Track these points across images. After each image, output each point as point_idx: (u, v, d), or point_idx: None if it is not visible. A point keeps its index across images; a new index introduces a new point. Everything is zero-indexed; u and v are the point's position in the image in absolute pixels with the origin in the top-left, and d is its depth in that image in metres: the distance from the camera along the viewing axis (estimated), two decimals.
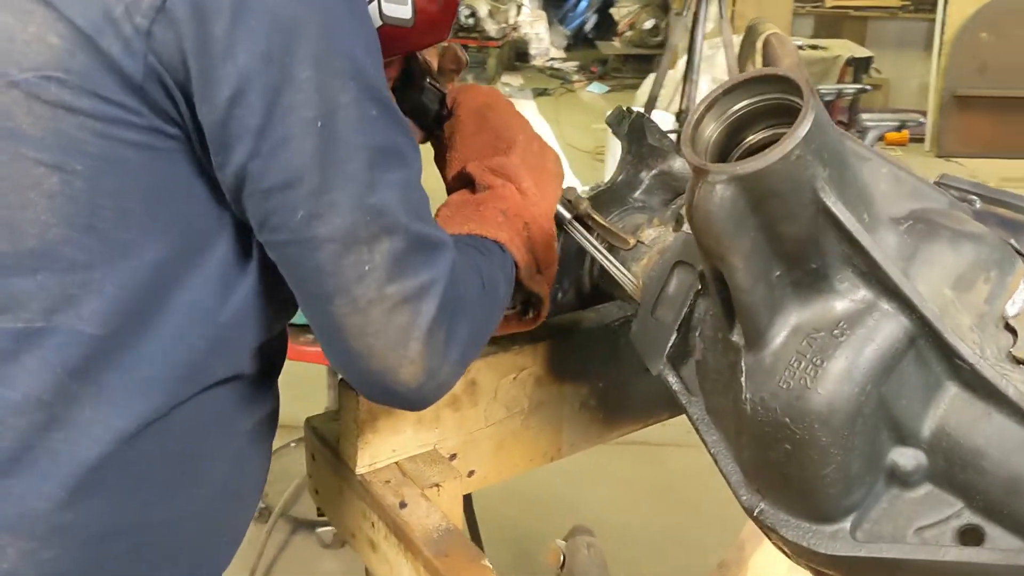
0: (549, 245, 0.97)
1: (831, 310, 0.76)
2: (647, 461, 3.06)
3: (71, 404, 0.70)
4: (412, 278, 0.73)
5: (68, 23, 0.66)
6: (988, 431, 0.72)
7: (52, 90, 0.67)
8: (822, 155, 0.70)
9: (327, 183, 0.70)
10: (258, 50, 0.66)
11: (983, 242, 0.77)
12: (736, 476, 0.86)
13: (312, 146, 0.69)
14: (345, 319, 0.72)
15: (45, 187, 0.69)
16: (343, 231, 0.70)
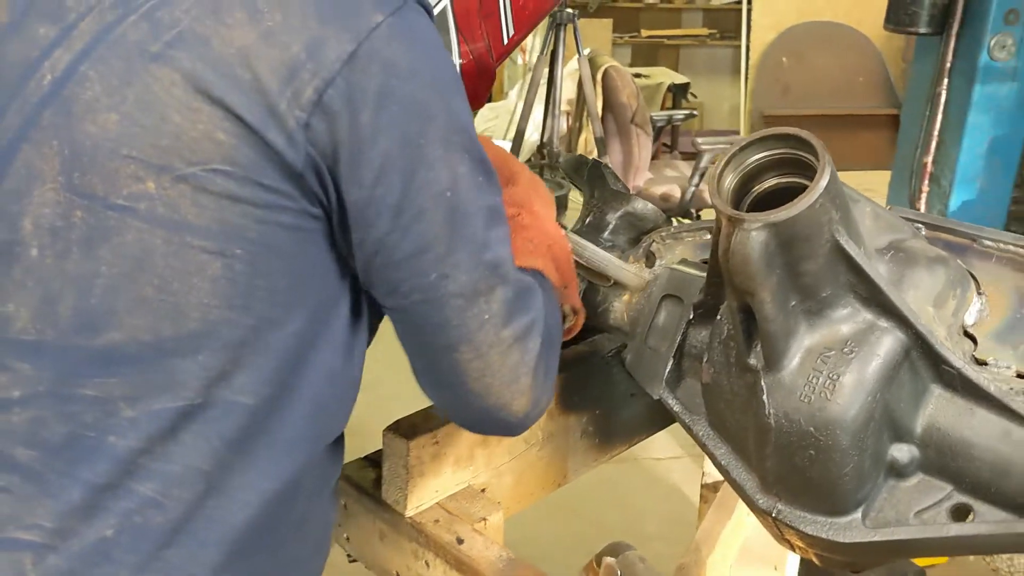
0: (570, 261, 1.06)
1: (838, 332, 0.88)
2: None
3: (226, 472, 0.73)
4: (520, 320, 0.81)
5: (236, 119, 0.70)
6: (974, 424, 0.86)
7: (218, 182, 0.71)
8: (836, 201, 0.83)
9: (453, 246, 0.77)
10: (398, 134, 0.73)
11: (949, 265, 0.92)
12: (751, 483, 0.97)
13: (442, 216, 0.76)
14: (468, 364, 0.79)
15: (208, 272, 0.73)
16: (467, 286, 0.77)
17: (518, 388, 0.82)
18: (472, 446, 0.99)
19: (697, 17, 7.55)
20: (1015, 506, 0.85)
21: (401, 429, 0.94)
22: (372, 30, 0.71)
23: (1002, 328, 0.93)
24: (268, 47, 0.70)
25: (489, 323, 0.79)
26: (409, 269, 0.76)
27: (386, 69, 0.72)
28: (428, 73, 0.75)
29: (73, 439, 0.72)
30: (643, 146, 4.40)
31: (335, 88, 0.70)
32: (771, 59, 6.83)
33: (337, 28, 0.71)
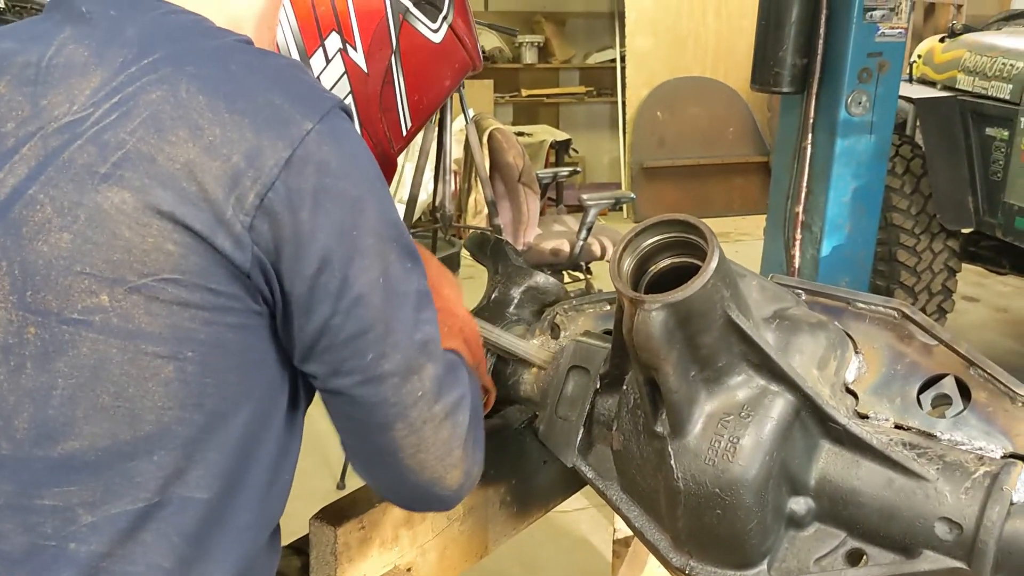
0: (479, 341, 1.11)
1: (735, 397, 0.96)
2: None
3: (186, 567, 0.76)
4: (450, 395, 0.86)
5: (185, 229, 0.74)
6: (860, 474, 0.95)
7: (169, 290, 0.74)
8: (725, 279, 0.91)
9: (389, 327, 0.81)
10: (335, 228, 0.78)
11: (829, 329, 1.01)
12: (664, 543, 1.03)
13: (378, 299, 0.81)
14: (403, 440, 0.83)
15: (162, 376, 0.76)
16: (402, 365, 0.82)
17: (451, 461, 0.86)
18: (396, 527, 1.01)
19: (574, 76, 7.81)
20: (902, 548, 0.93)
21: (328, 517, 0.96)
22: (304, 136, 0.77)
23: (879, 383, 1.02)
24: (211, 159, 0.74)
25: (422, 399, 0.83)
26: (350, 350, 0.80)
27: (320, 170, 0.77)
28: (357, 171, 0.81)
29: (33, 550, 0.73)
30: (531, 203, 4.50)
31: (275, 191, 0.75)
32: (646, 113, 7.11)
33: (272, 137, 0.76)
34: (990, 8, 8.55)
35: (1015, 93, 3.54)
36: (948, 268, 3.99)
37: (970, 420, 0.97)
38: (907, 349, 1.03)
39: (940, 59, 4.17)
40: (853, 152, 3.27)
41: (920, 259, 3.92)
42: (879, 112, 3.25)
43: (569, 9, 7.74)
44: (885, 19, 3.17)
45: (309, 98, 0.80)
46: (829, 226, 3.33)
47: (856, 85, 3.19)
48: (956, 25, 4.36)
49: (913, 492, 0.92)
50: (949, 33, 4.30)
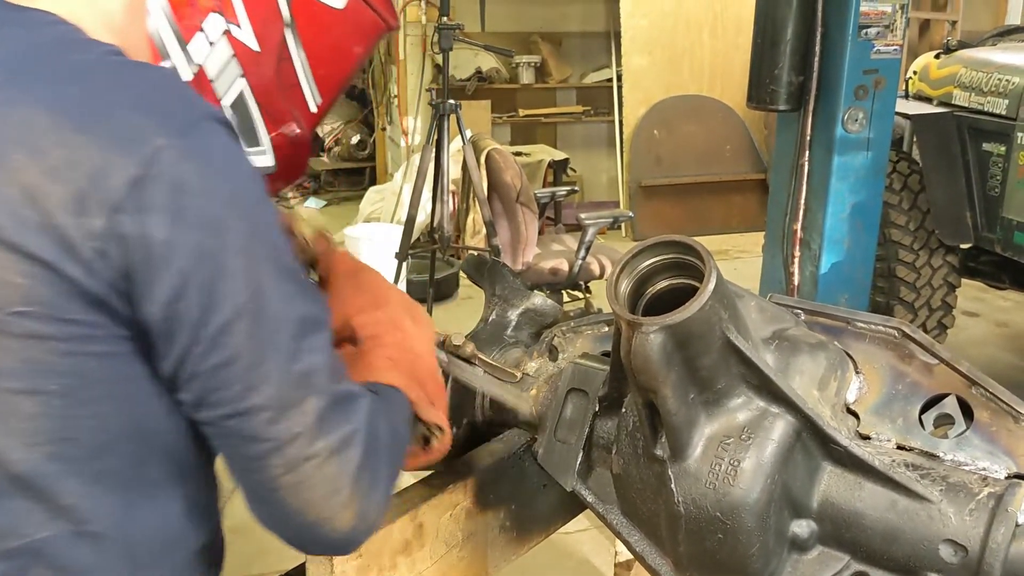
0: (436, 378, 1.05)
1: (735, 419, 0.95)
2: None
3: None
4: (337, 431, 0.79)
5: (31, 259, 0.70)
6: (863, 496, 0.94)
7: (21, 324, 0.71)
8: (723, 300, 0.90)
9: (259, 357, 0.76)
10: (193, 251, 0.73)
11: (829, 349, 1.00)
12: (665, 568, 1.02)
13: (246, 327, 0.75)
14: (281, 479, 0.77)
15: (24, 411, 0.73)
16: (275, 399, 0.76)
17: (339, 501, 0.80)
18: (394, 555, 1.00)
19: (571, 95, 7.83)
20: (906, 570, 0.92)
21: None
22: (156, 153, 0.73)
23: (880, 403, 1.02)
24: (53, 183, 0.71)
25: (302, 436, 0.77)
26: (216, 380, 0.76)
27: (176, 189, 0.73)
28: (224, 188, 0.76)
29: None
30: (529, 223, 4.50)
31: (124, 213, 0.71)
32: (643, 132, 7.12)
33: (120, 155, 0.72)
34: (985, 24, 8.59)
35: (1011, 108, 3.55)
36: (948, 283, 3.99)
37: (973, 440, 0.96)
38: (908, 369, 1.02)
39: (936, 75, 4.18)
40: (850, 168, 3.28)
41: (919, 275, 3.92)
42: (876, 129, 3.26)
43: (565, 29, 7.77)
44: (880, 36, 3.18)
45: (171, 112, 0.76)
46: (827, 243, 3.33)
47: (852, 102, 3.20)
48: (951, 41, 4.38)
49: (917, 514, 0.91)
50: (944, 49, 4.31)
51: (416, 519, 1.03)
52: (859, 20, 3.15)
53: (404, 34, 7.08)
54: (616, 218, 4.52)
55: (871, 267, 3.51)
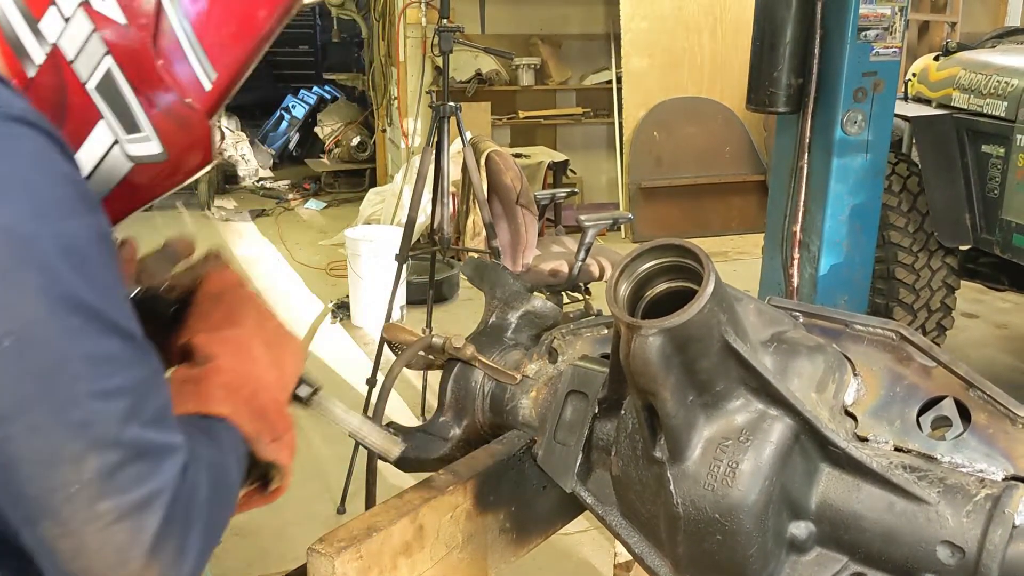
0: (281, 411, 0.93)
1: (734, 422, 0.95)
2: None
3: None
4: (130, 492, 0.69)
5: None
6: (861, 498, 0.94)
7: None
8: (722, 303, 0.90)
9: (22, 403, 0.66)
10: None
11: (827, 352, 1.01)
12: (664, 569, 1.02)
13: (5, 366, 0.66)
14: (56, 542, 0.68)
15: None
16: (44, 451, 0.66)
17: (128, 573, 0.69)
18: (395, 556, 1.00)
19: (571, 97, 7.84)
20: (904, 572, 0.92)
21: (325, 546, 0.96)
22: None
23: (878, 405, 1.02)
24: None
25: (80, 494, 0.67)
26: None
27: None
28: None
29: None
30: (529, 225, 4.51)
31: None
32: (643, 134, 7.13)
33: None
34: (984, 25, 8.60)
35: (1010, 110, 3.56)
36: (947, 285, 4.00)
37: (970, 442, 0.97)
38: (906, 371, 1.03)
39: (935, 77, 4.20)
40: (849, 170, 3.29)
41: (918, 277, 3.93)
42: (875, 131, 3.26)
43: (565, 31, 7.78)
44: (879, 39, 3.19)
45: None
46: (827, 245, 3.34)
47: (851, 104, 3.21)
48: (950, 43, 4.39)
49: (914, 515, 0.91)
50: (943, 51, 4.32)
51: (416, 521, 1.03)
52: (858, 22, 3.16)
53: (404, 36, 7.09)
54: (616, 220, 4.53)
55: (870, 269, 3.52)
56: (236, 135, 9.50)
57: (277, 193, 8.85)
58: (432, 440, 1.26)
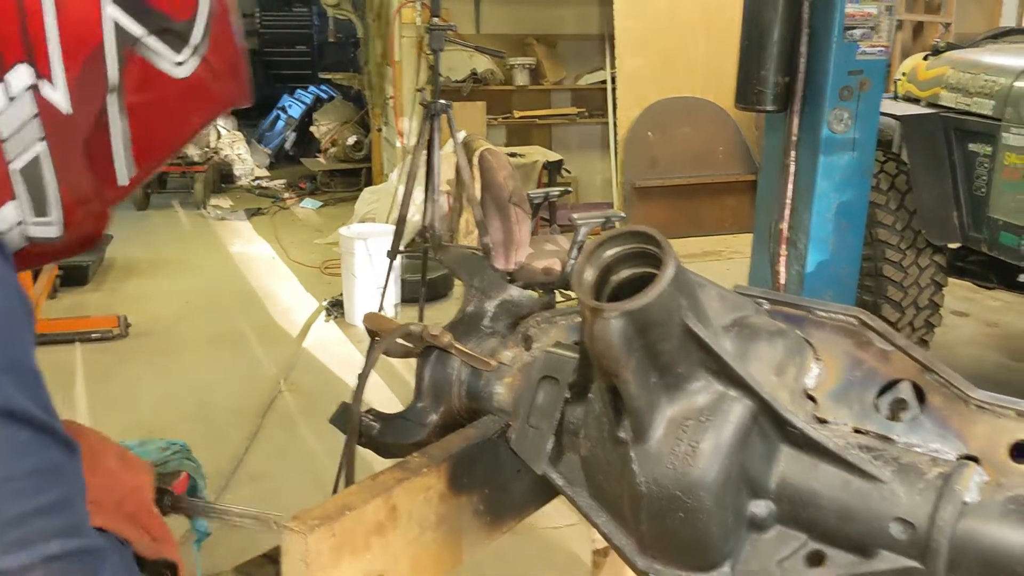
0: (152, 513, 0.97)
1: (695, 403, 0.98)
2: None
3: None
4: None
5: None
6: (818, 477, 0.97)
7: None
8: (683, 288, 0.93)
9: None
10: None
11: (788, 336, 1.04)
12: (629, 547, 1.05)
13: None
14: None
15: None
16: None
17: None
18: (368, 536, 1.03)
19: (566, 97, 7.88)
20: (860, 548, 0.95)
21: (299, 525, 0.98)
22: None
23: (838, 389, 1.05)
24: None
25: None
26: None
27: None
28: None
29: None
30: (522, 223, 4.54)
31: None
32: (637, 134, 7.16)
33: None
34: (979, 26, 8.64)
35: (997, 109, 3.59)
36: (935, 283, 4.03)
37: (925, 423, 1.00)
38: (865, 355, 1.06)
39: (924, 76, 4.23)
40: (836, 168, 3.32)
41: (906, 274, 3.96)
42: (861, 129, 3.30)
43: (560, 31, 7.82)
44: (865, 38, 3.22)
45: None
46: (813, 242, 3.37)
47: (838, 103, 3.24)
48: (940, 43, 4.42)
49: (869, 493, 0.94)
50: (933, 51, 4.36)
51: (390, 501, 1.06)
52: (844, 22, 3.19)
53: (400, 36, 7.13)
54: (608, 218, 4.55)
55: (857, 266, 3.56)
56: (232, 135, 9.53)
57: (273, 192, 8.88)
58: (410, 426, 1.29)
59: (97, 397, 4.37)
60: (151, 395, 4.41)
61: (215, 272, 6.50)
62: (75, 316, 5.39)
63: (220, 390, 4.42)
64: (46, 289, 5.59)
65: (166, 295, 5.92)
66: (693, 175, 7.19)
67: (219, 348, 5.01)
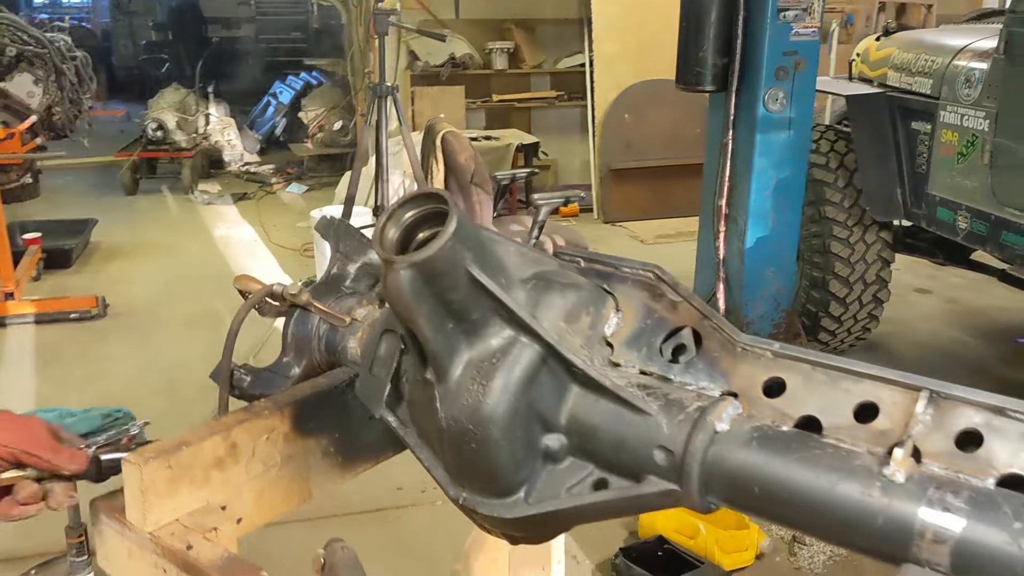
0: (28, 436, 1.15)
1: (489, 346, 1.09)
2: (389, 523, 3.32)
3: None
4: None
5: None
6: (599, 411, 1.08)
7: None
8: (467, 243, 1.04)
9: None
10: None
11: (582, 288, 1.15)
12: (444, 478, 1.17)
13: None
14: None
15: None
16: None
17: None
18: (207, 469, 1.15)
19: (545, 81, 7.97)
20: (632, 474, 1.07)
21: (136, 457, 1.10)
22: None
23: (631, 336, 1.16)
24: None
25: None
26: None
27: None
28: None
29: None
30: (484, 203, 4.65)
31: None
32: (614, 116, 7.25)
33: None
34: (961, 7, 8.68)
35: (935, 88, 3.68)
36: (882, 259, 4.12)
37: (699, 364, 1.11)
38: (657, 306, 1.17)
39: (874, 57, 4.31)
40: (773, 146, 3.41)
41: (853, 250, 4.05)
42: (797, 108, 3.39)
43: (539, 16, 7.90)
44: (798, 19, 3.31)
45: None
46: (752, 218, 3.47)
47: (773, 83, 3.33)
48: (891, 24, 4.50)
49: (638, 425, 1.05)
50: (884, 32, 4.43)
51: (229, 439, 1.17)
52: (778, 4, 3.28)
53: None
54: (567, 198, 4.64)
55: (795, 242, 3.65)
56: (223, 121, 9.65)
57: (261, 177, 9.00)
58: (275, 378, 1.41)
59: (72, 374, 4.51)
60: (123, 372, 4.55)
61: (197, 255, 6.63)
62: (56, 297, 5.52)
63: (191, 367, 4.55)
64: (29, 271, 5.73)
65: (147, 277, 6.05)
66: (667, 157, 7.28)
67: (194, 328, 5.14)
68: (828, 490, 0.95)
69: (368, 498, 3.41)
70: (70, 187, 8.62)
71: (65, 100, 5.45)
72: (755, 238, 3.51)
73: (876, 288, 4.17)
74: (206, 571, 1.05)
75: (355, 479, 1.36)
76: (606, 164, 7.22)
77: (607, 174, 7.23)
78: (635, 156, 7.23)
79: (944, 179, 3.59)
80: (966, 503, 0.88)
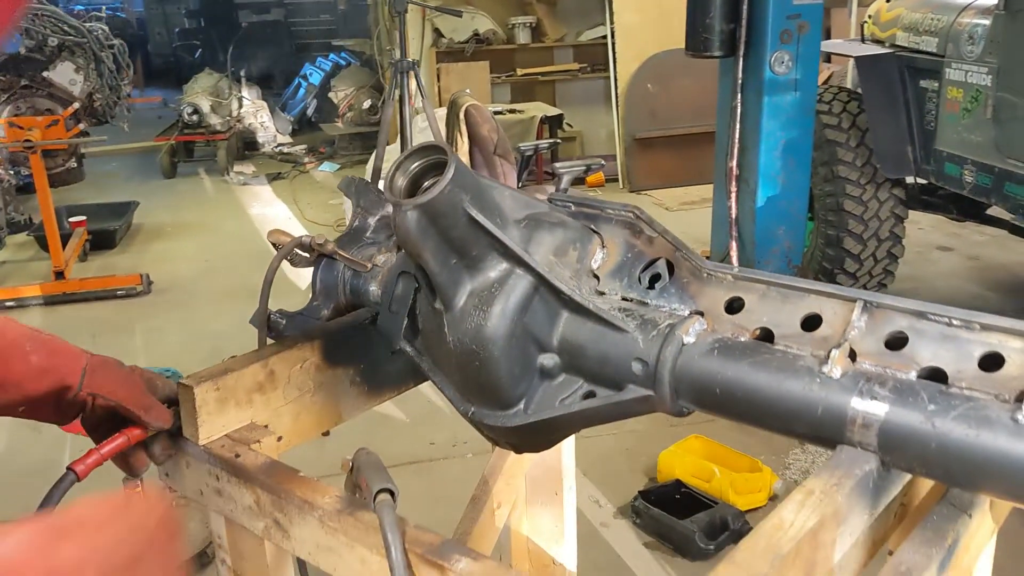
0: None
1: (488, 278, 1.26)
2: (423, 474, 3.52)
3: None
4: None
5: None
6: (584, 332, 1.25)
7: None
8: (465, 187, 1.21)
9: None
10: None
11: (568, 226, 1.32)
12: (455, 396, 1.34)
13: None
14: None
15: None
16: None
17: None
18: (250, 392, 1.33)
19: (568, 53, 8.07)
20: (615, 384, 1.24)
21: (190, 380, 1.29)
22: None
23: (614, 268, 1.32)
24: None
25: None
26: None
27: None
28: None
29: None
30: (508, 174, 4.81)
31: None
32: (638, 87, 7.35)
33: None
34: None
35: (940, 46, 3.77)
36: (895, 215, 4.23)
37: (671, 290, 1.27)
38: (637, 241, 1.33)
39: (885, 18, 4.39)
40: (780, 108, 3.53)
41: (867, 208, 4.16)
42: (802, 70, 3.50)
43: None
44: None
45: None
46: (763, 179, 3.60)
47: (779, 46, 3.45)
48: None
49: (618, 342, 1.22)
50: None
51: (268, 367, 1.36)
52: None
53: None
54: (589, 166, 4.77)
55: (805, 200, 3.77)
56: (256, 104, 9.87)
57: (294, 157, 9.22)
58: (307, 321, 1.59)
59: (122, 346, 4.76)
60: (170, 342, 4.79)
61: (234, 233, 6.86)
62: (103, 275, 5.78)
63: (233, 336, 4.78)
64: (76, 252, 5.99)
65: (187, 255, 6.30)
66: (692, 124, 7.37)
67: (234, 301, 5.37)
68: (776, 387, 1.11)
69: (404, 452, 3.61)
70: (112, 172, 8.92)
71: (105, 87, 5.68)
72: (765, 197, 3.64)
73: (890, 244, 4.27)
74: (252, 474, 1.23)
75: (391, 435, 1.52)
76: (630, 134, 7.33)
77: (632, 143, 7.35)
78: (659, 125, 7.34)
79: (950, 135, 3.69)
80: (890, 392, 1.04)
